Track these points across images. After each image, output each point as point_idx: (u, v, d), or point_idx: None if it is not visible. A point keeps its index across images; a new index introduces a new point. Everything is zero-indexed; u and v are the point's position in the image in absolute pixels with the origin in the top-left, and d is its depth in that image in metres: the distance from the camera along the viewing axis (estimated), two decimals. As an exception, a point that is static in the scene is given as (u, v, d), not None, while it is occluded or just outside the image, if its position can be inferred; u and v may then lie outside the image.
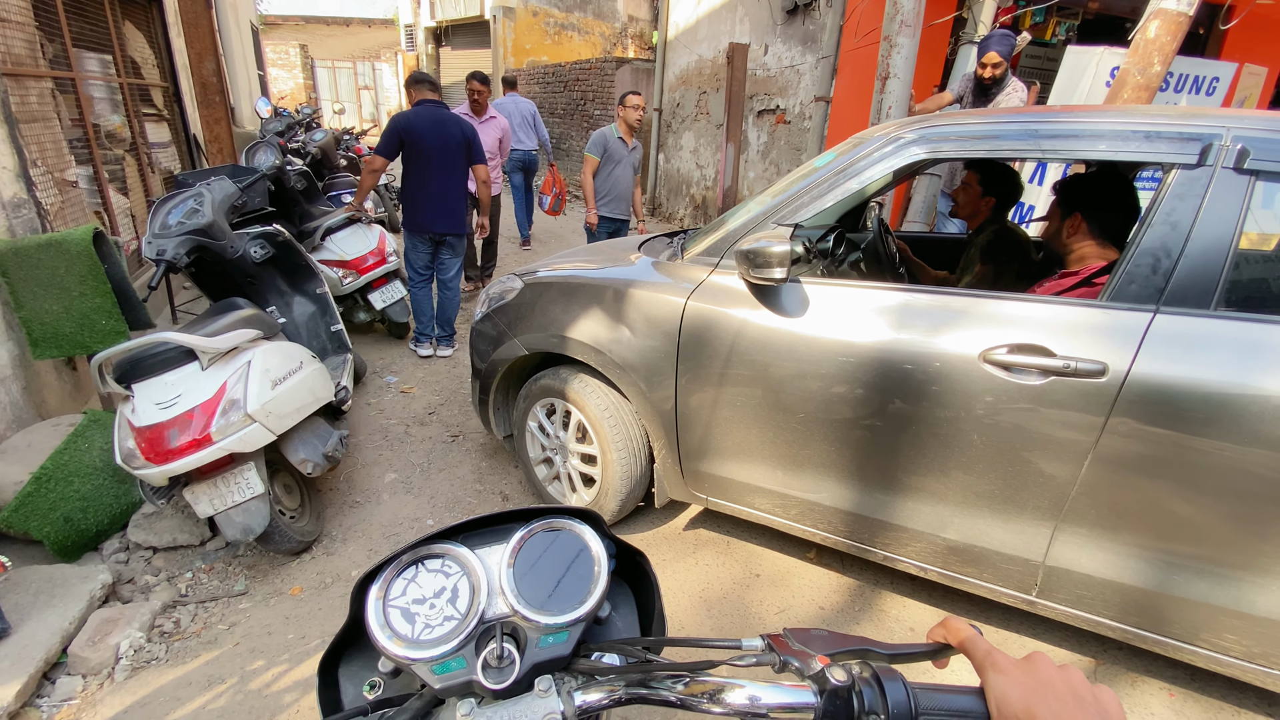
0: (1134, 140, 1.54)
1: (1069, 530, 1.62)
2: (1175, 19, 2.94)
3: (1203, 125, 1.50)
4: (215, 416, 1.93)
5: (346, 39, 20.35)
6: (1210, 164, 1.46)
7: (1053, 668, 0.47)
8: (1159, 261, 1.48)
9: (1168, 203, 1.49)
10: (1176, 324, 1.46)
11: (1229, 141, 1.46)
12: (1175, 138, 1.50)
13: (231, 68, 8.17)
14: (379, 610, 0.61)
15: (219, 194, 2.72)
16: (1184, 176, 1.49)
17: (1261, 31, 6.10)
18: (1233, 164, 1.44)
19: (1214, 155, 1.46)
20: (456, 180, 3.69)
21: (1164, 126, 1.53)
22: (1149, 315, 1.48)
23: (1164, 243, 1.48)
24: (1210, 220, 1.45)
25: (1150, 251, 1.50)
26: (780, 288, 1.85)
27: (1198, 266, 1.45)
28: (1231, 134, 1.46)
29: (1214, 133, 1.48)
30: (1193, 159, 1.48)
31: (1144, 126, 1.55)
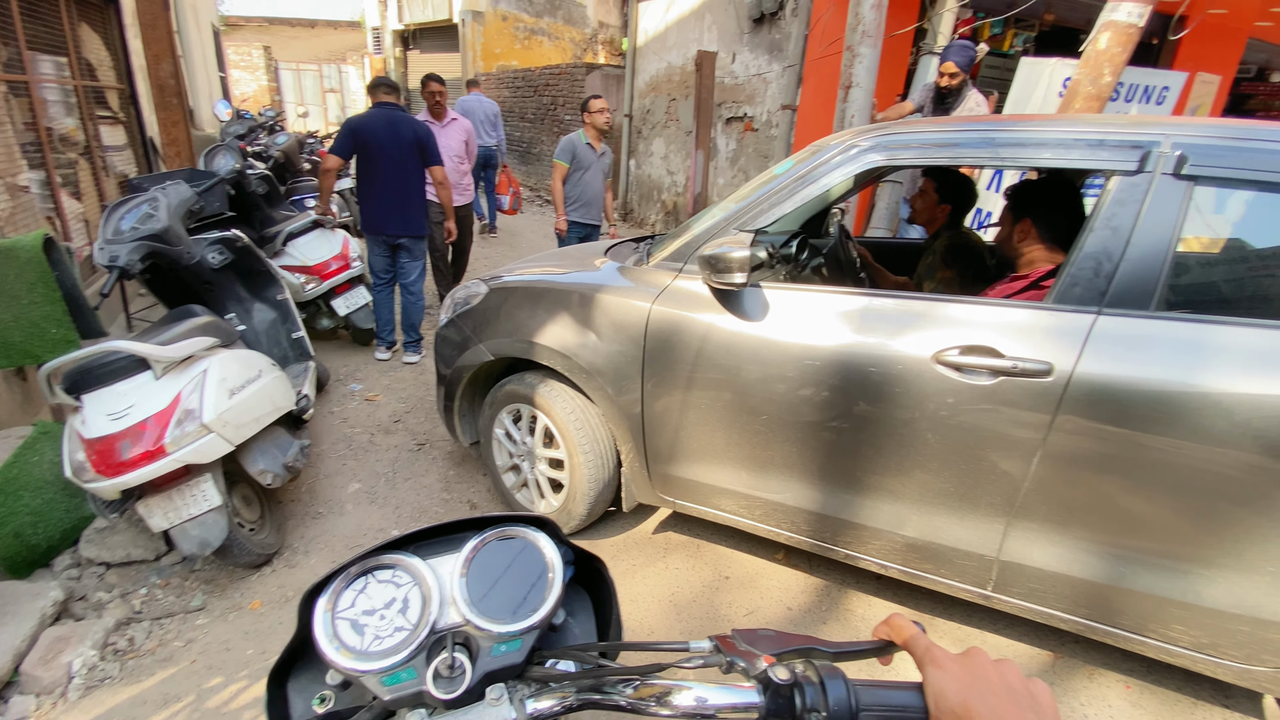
0: (1078, 148, 1.59)
1: (1021, 526, 1.66)
2: (1125, 30, 3.06)
3: (1143, 133, 1.56)
4: (169, 427, 1.88)
5: (311, 41, 19.99)
6: (1149, 170, 1.52)
7: (989, 662, 0.49)
8: (1101, 265, 1.53)
9: (1109, 208, 1.54)
10: (1118, 325, 1.51)
11: (1167, 149, 1.51)
12: (1116, 145, 1.56)
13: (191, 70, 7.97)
14: (327, 622, 0.60)
15: (175, 198, 2.65)
16: (1124, 183, 1.54)
17: (1213, 40, 6.38)
18: (1171, 170, 1.50)
19: (1153, 162, 1.52)
20: (409, 182, 3.66)
21: (1106, 135, 1.58)
22: (1092, 317, 1.53)
23: (1106, 247, 1.54)
24: (1149, 225, 1.50)
25: (1093, 255, 1.55)
26: (742, 292, 1.88)
27: (1138, 270, 1.51)
28: (1170, 141, 1.51)
29: (1153, 140, 1.53)
30: (1133, 166, 1.53)
31: (1088, 135, 1.60)
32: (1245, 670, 1.56)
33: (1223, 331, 1.46)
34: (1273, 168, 1.45)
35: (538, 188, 11.43)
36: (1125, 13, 3.00)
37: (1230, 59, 6.73)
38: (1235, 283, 1.62)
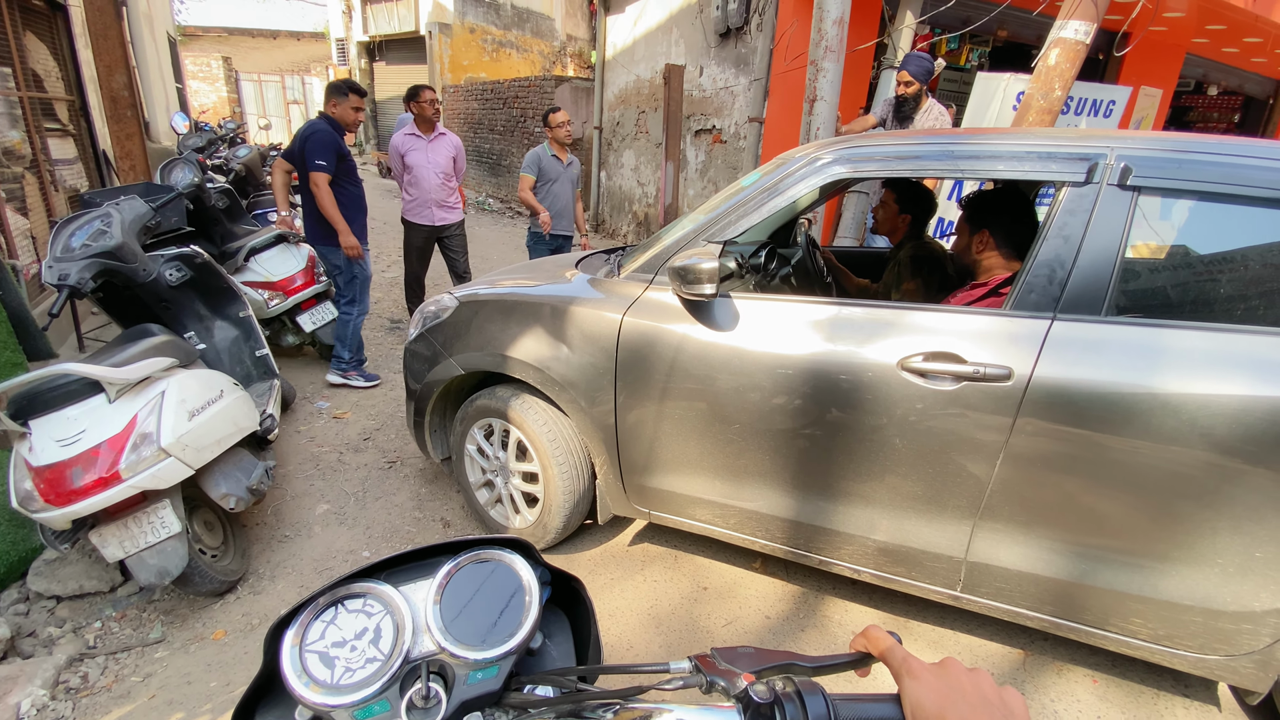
0: (1030, 160, 1.65)
1: (987, 527, 1.70)
2: (1074, 47, 3.19)
3: (1090, 146, 1.62)
4: (124, 452, 1.81)
5: (274, 52, 19.66)
6: (1096, 181, 1.58)
7: (963, 672, 0.50)
8: (1055, 272, 1.59)
9: (1060, 218, 1.60)
10: (1072, 330, 1.56)
11: (1113, 160, 1.57)
12: (1066, 157, 1.62)
13: (146, 81, 7.76)
14: (295, 656, 0.58)
15: (129, 214, 2.56)
16: (1074, 193, 1.60)
17: (1156, 56, 6.70)
18: (1116, 181, 1.56)
19: (1100, 173, 1.58)
20: (309, 197, 3.50)
21: (1056, 147, 1.64)
22: (1047, 322, 1.58)
23: (1058, 255, 1.59)
24: (1098, 233, 1.56)
25: (1047, 263, 1.60)
26: (712, 303, 1.89)
27: (1089, 276, 1.56)
28: (1115, 153, 1.58)
29: (1100, 152, 1.59)
30: (1081, 177, 1.59)
31: (1039, 148, 1.66)
32: (1199, 659, 1.63)
33: (1170, 334, 1.52)
34: (1210, 178, 1.52)
35: (508, 199, 11.39)
36: (1073, 30, 3.13)
37: (1171, 74, 7.07)
38: (1180, 287, 1.69)
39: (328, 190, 3.41)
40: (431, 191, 4.27)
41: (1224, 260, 1.69)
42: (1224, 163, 1.52)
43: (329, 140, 3.41)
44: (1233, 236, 1.67)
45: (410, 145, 4.23)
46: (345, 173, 3.54)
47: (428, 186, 4.25)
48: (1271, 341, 1.47)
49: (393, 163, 4.33)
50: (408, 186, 4.30)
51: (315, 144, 3.39)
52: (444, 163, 4.30)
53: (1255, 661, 1.57)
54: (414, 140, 4.23)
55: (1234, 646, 1.57)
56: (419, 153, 4.22)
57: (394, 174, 4.38)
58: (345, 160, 3.53)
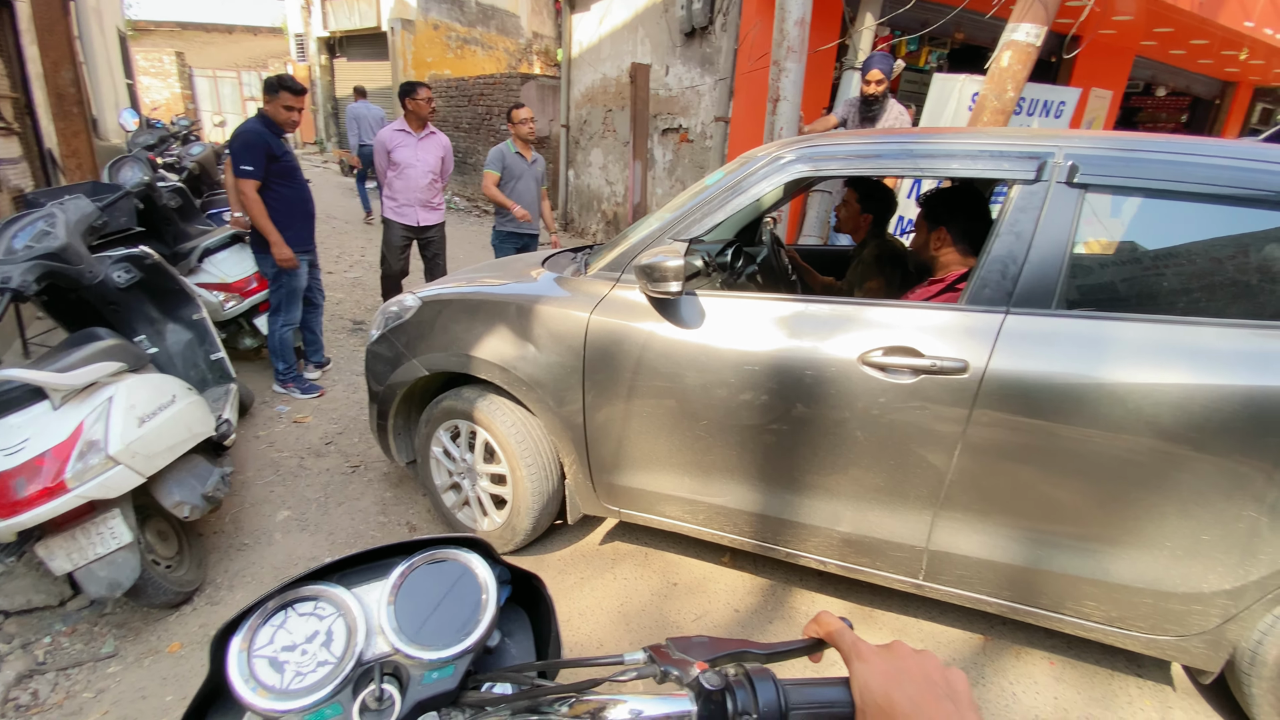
0: (983, 159, 1.71)
1: (947, 516, 1.75)
2: (1025, 49, 3.29)
3: (1039, 145, 1.67)
4: (70, 460, 1.74)
5: (229, 47, 19.08)
6: (1046, 179, 1.63)
7: (910, 654, 0.51)
8: (1007, 268, 1.64)
9: (1012, 215, 1.65)
10: (1024, 323, 1.61)
11: (1061, 159, 1.63)
12: (1017, 156, 1.67)
13: (94, 77, 7.46)
14: (242, 662, 0.57)
15: (74, 214, 2.46)
16: (1024, 191, 1.65)
17: (1106, 59, 6.93)
18: (1064, 179, 1.62)
19: (1049, 171, 1.63)
20: None
21: (1008, 146, 1.70)
22: (1001, 316, 1.63)
23: (1010, 251, 1.64)
24: (1048, 229, 1.62)
25: (1000, 259, 1.65)
26: (679, 300, 1.90)
27: (1039, 271, 1.61)
28: (1063, 152, 1.63)
29: (1048, 151, 1.65)
30: (1031, 175, 1.65)
31: (991, 147, 1.72)
32: (1151, 640, 1.69)
33: (1117, 327, 1.58)
34: (1154, 175, 1.58)
35: (474, 198, 11.26)
36: (1024, 33, 3.22)
37: (1120, 75, 7.33)
38: (1127, 281, 1.76)
39: (255, 197, 3.21)
40: (418, 191, 4.14)
41: (1167, 254, 1.76)
42: (1167, 160, 1.58)
43: (256, 141, 3.19)
44: (1176, 231, 1.74)
45: (399, 141, 4.08)
46: (280, 174, 3.30)
47: (414, 185, 4.12)
48: (1212, 332, 1.53)
49: (377, 159, 4.16)
50: (391, 183, 4.14)
51: (240, 146, 3.19)
52: (433, 162, 4.17)
53: (1206, 641, 1.63)
54: (403, 137, 4.09)
55: (1185, 627, 1.63)
56: (408, 150, 4.09)
57: (377, 171, 4.24)
58: (279, 161, 3.29)
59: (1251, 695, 1.69)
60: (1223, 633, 1.61)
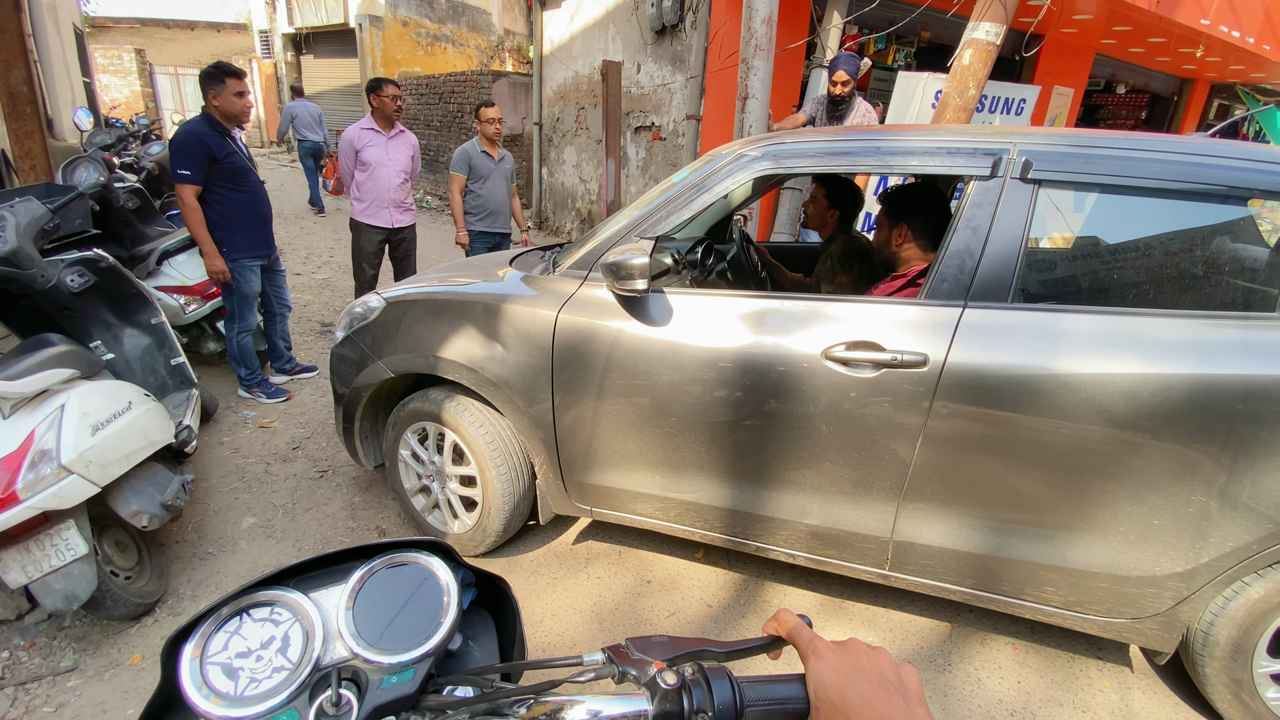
0: (940, 156, 1.74)
1: (910, 507, 1.78)
2: (985, 48, 3.35)
3: (994, 141, 1.70)
4: (21, 471, 1.69)
5: (191, 44, 18.59)
6: (1000, 175, 1.67)
7: (864, 651, 0.52)
8: (965, 262, 1.67)
9: (968, 210, 1.68)
10: (981, 316, 1.64)
11: (1015, 155, 1.66)
12: (972, 153, 1.70)
13: (49, 75, 7.22)
14: (194, 670, 0.57)
15: (24, 217, 2.38)
16: (980, 187, 1.68)
17: (1067, 56, 7.09)
18: (1018, 175, 1.65)
19: (1003, 168, 1.67)
20: None
21: (963, 143, 1.73)
22: (959, 310, 1.66)
23: (967, 245, 1.67)
24: (1003, 224, 1.65)
25: (957, 254, 1.68)
26: (646, 298, 1.91)
27: (995, 265, 1.65)
28: (1017, 148, 1.67)
29: (1003, 148, 1.68)
30: (986, 171, 1.68)
31: (948, 144, 1.75)
32: (1107, 623, 1.74)
33: (1070, 318, 1.62)
34: (1105, 170, 1.61)
35: (446, 196, 11.15)
36: (984, 31, 3.28)
37: (1081, 73, 7.52)
38: (1079, 274, 1.81)
39: (193, 204, 3.04)
40: (390, 191, 3.97)
41: (1118, 248, 1.81)
42: (1118, 156, 1.61)
43: (193, 144, 2.99)
44: (1126, 225, 1.79)
45: (367, 140, 3.90)
46: (225, 176, 3.11)
47: (386, 186, 3.94)
48: (1161, 323, 1.57)
49: (343, 159, 3.98)
50: (361, 184, 3.95)
51: (176, 149, 2.99)
52: (404, 161, 4.02)
53: (1159, 623, 1.68)
54: (372, 135, 3.91)
55: (1139, 610, 1.68)
56: (377, 149, 3.91)
57: (342, 172, 4.05)
58: (221, 163, 3.07)
59: (1205, 675, 1.75)
60: (1176, 614, 1.66)
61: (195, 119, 3.13)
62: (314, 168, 9.01)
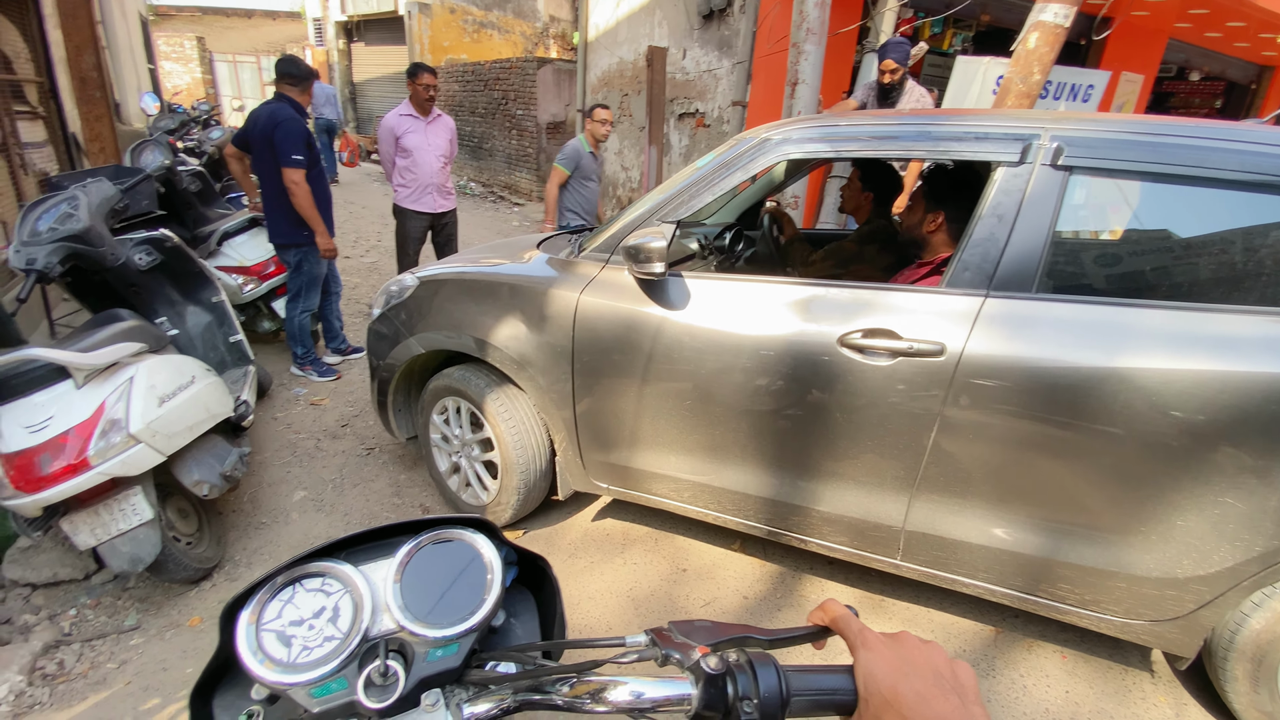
0: (967, 141, 1.68)
1: (923, 498, 1.75)
2: (1053, 30, 3.19)
3: (1025, 126, 1.64)
4: (93, 438, 1.78)
5: (249, 31, 19.17)
6: (1030, 161, 1.60)
7: (917, 644, 0.50)
8: (989, 251, 1.62)
9: (995, 197, 1.62)
10: (1003, 306, 1.59)
11: (1046, 140, 1.59)
12: (1002, 138, 1.63)
13: (116, 61, 7.55)
14: (250, 635, 0.58)
15: (96, 197, 2.50)
16: (1008, 173, 1.62)
17: (1136, 41, 6.72)
18: (1049, 161, 1.58)
19: (1033, 153, 1.60)
20: (266, 185, 3.26)
21: (992, 128, 1.66)
22: (980, 299, 1.61)
23: (992, 233, 1.62)
24: (1030, 212, 1.59)
25: (981, 242, 1.63)
26: (665, 281, 1.91)
27: (1020, 254, 1.59)
28: (1049, 134, 1.59)
29: (1034, 133, 1.61)
30: (1015, 157, 1.61)
31: (976, 128, 1.68)
32: (1125, 624, 1.68)
33: (1095, 310, 1.56)
34: (1144, 158, 1.53)
35: (490, 184, 11.26)
36: (1052, 14, 3.13)
37: (1152, 59, 7.11)
38: (1108, 265, 1.71)
39: (307, 187, 3.17)
40: (431, 176, 4.00)
41: (1151, 239, 1.71)
42: (1160, 143, 1.53)
43: (301, 130, 3.14)
44: (1162, 215, 1.69)
45: (407, 126, 3.94)
46: (314, 163, 3.27)
47: (428, 170, 3.98)
48: (1194, 317, 1.50)
49: (383, 145, 4.04)
50: (402, 171, 3.99)
51: (289, 135, 3.11)
52: (443, 145, 4.05)
53: (1180, 627, 1.62)
54: (411, 121, 3.94)
55: (1159, 612, 1.62)
56: (417, 135, 3.94)
57: (382, 158, 4.11)
58: (313, 150, 3.26)
59: (1228, 681, 1.69)
60: (1197, 618, 1.59)
61: (284, 106, 3.21)
62: (328, 143, 9.68)
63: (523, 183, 10.44)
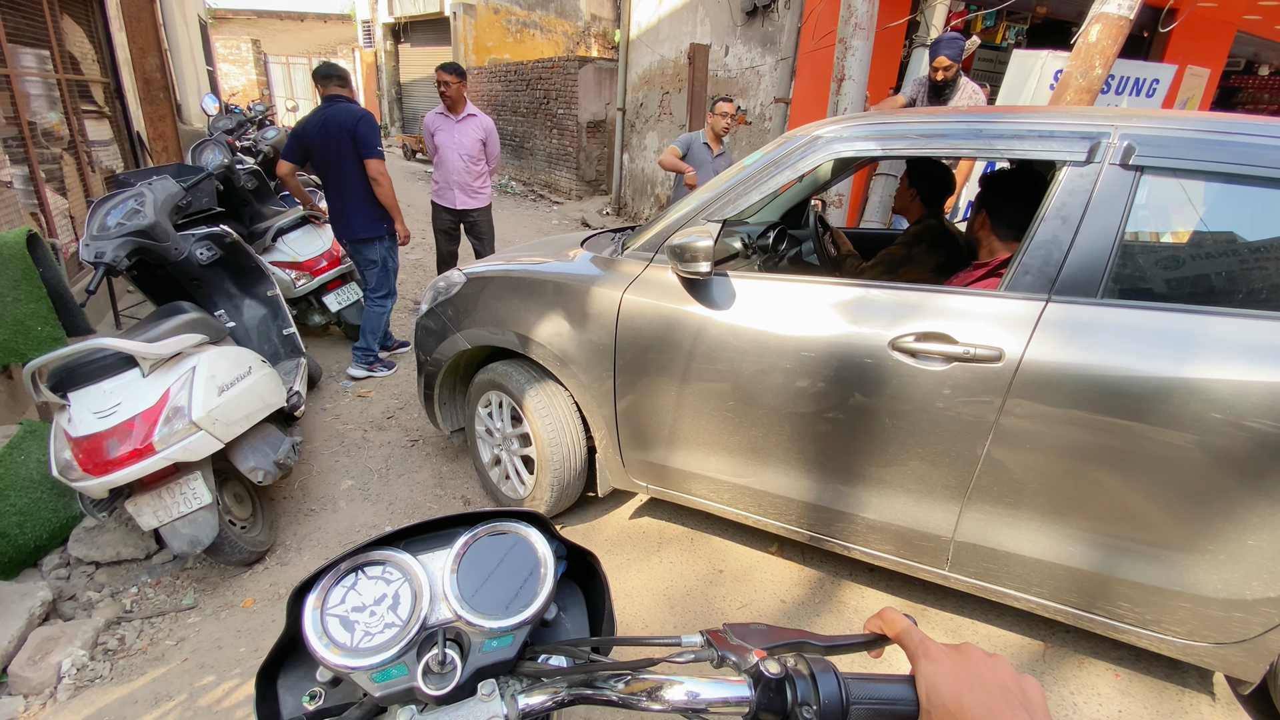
0: (1029, 139, 1.61)
1: (975, 508, 1.70)
2: (1116, 23, 3.06)
3: (1093, 124, 1.57)
4: (158, 425, 1.87)
5: (301, 34, 19.80)
6: (1098, 161, 1.54)
7: (982, 658, 0.49)
8: (1051, 253, 1.56)
9: (1059, 198, 1.56)
10: (1066, 312, 1.53)
11: (1116, 139, 1.53)
12: (1067, 136, 1.57)
13: (178, 63, 7.88)
14: (316, 619, 0.60)
15: (161, 194, 2.62)
16: (1074, 173, 1.55)
17: (1203, 34, 6.39)
18: (1119, 160, 1.51)
19: (1101, 153, 1.53)
20: (344, 181, 3.34)
21: (1057, 126, 1.60)
22: (1041, 304, 1.55)
23: (1056, 236, 1.56)
24: (1097, 214, 1.52)
25: (1043, 244, 1.57)
26: (710, 281, 1.89)
27: (1085, 258, 1.53)
28: (1119, 132, 1.53)
29: (1103, 131, 1.55)
30: (1082, 156, 1.55)
31: (1040, 126, 1.61)
32: (1187, 646, 1.61)
33: (1163, 318, 1.49)
34: (1216, 157, 1.46)
35: (530, 182, 11.38)
36: (1116, 5, 3.00)
37: (1219, 52, 6.76)
38: (1179, 270, 1.63)
39: (390, 179, 3.33)
40: (454, 174, 4.11)
41: (1226, 243, 1.63)
42: (1235, 143, 1.46)
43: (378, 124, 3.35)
44: (1234, 218, 1.61)
45: (438, 125, 4.09)
46: None
47: (451, 168, 4.10)
48: (1266, 325, 1.42)
49: (426, 142, 4.23)
50: (436, 166, 4.20)
51: (372, 128, 3.25)
52: (469, 145, 4.08)
53: (1246, 650, 1.54)
54: (441, 120, 4.08)
55: (1224, 634, 1.55)
56: (445, 133, 4.08)
57: (429, 153, 4.28)
58: None
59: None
60: (1264, 642, 1.51)
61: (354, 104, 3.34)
62: None
63: (562, 181, 10.52)
